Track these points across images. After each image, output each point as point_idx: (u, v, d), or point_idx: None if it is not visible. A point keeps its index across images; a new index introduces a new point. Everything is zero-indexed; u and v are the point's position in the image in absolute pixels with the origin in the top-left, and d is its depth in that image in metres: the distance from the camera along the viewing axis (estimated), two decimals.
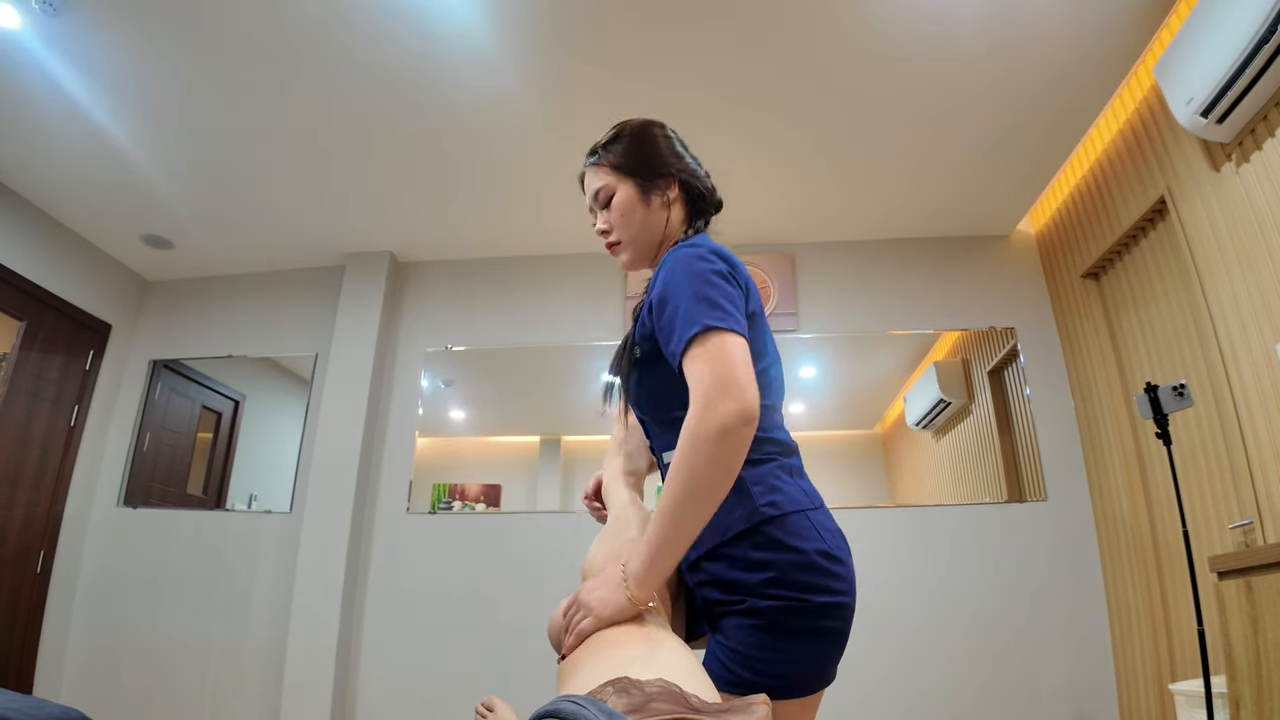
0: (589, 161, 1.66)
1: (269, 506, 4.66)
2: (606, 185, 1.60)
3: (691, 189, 1.62)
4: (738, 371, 1.21)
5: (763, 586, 1.28)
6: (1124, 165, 3.70)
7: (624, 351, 1.54)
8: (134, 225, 4.63)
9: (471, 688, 3.96)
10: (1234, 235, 2.97)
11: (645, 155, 1.61)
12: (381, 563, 4.42)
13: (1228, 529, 3.11)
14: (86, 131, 3.74)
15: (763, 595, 1.28)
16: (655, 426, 1.55)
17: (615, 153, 1.62)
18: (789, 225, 4.73)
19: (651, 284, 1.49)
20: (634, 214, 1.58)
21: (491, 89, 3.53)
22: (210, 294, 5.21)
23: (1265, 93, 2.66)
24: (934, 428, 4.60)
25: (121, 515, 4.72)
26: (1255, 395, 2.88)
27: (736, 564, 1.32)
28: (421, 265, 5.08)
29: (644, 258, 1.63)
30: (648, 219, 1.59)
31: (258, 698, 4.21)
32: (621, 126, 1.66)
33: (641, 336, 1.48)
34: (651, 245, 1.61)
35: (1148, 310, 3.70)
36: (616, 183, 1.60)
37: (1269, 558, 2.14)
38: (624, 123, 1.66)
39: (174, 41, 3.24)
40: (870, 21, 3.17)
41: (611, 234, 1.61)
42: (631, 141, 1.63)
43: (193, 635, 4.39)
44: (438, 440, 4.74)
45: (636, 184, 1.59)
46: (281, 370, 5.04)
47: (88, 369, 4.76)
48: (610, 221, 1.60)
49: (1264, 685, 2.09)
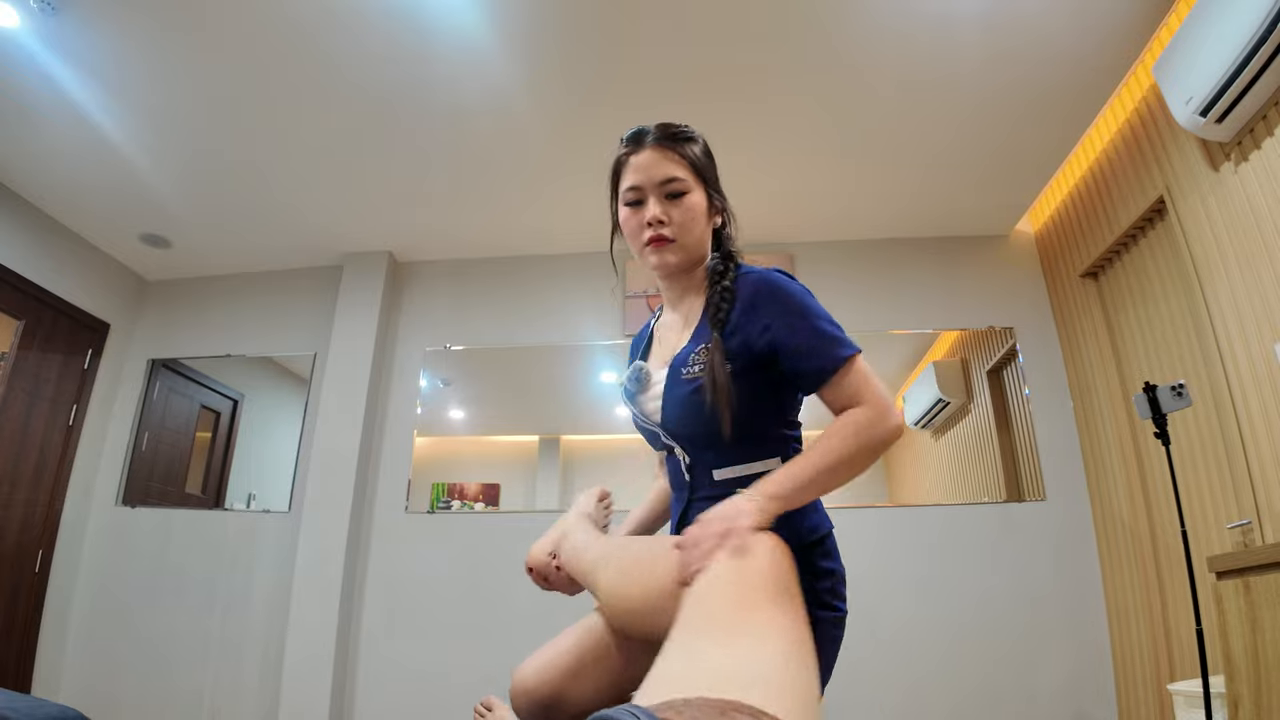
0: (656, 141, 1.56)
1: (267, 506, 4.66)
2: (682, 180, 1.54)
3: (725, 221, 1.64)
4: (889, 397, 1.39)
5: (822, 595, 1.40)
6: (1123, 165, 3.70)
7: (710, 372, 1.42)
8: (133, 224, 4.62)
9: (470, 688, 3.96)
10: (1233, 235, 2.97)
11: (714, 171, 1.63)
12: (380, 562, 4.41)
13: (1226, 529, 3.11)
14: (86, 131, 3.74)
15: (820, 604, 1.38)
16: (715, 446, 1.47)
17: (693, 154, 1.58)
18: (789, 224, 4.72)
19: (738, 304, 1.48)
20: (700, 221, 1.56)
21: (491, 89, 3.52)
22: (209, 293, 5.21)
23: (1264, 92, 2.66)
24: (933, 427, 4.61)
25: (120, 515, 4.72)
26: (1254, 395, 2.88)
27: (806, 570, 1.37)
28: (420, 265, 5.08)
29: (686, 266, 1.58)
30: (705, 233, 1.58)
31: (255, 698, 4.21)
32: (690, 129, 1.60)
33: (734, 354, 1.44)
34: (696, 259, 1.59)
35: (1147, 310, 3.70)
36: (693, 184, 1.55)
37: (1267, 558, 2.14)
38: (688, 126, 1.61)
39: (172, 41, 3.23)
40: (872, 22, 3.17)
41: (670, 229, 1.52)
42: (705, 151, 1.62)
43: (191, 634, 4.39)
44: (436, 440, 4.74)
45: (707, 194, 1.59)
46: (280, 370, 5.04)
47: (86, 368, 4.76)
48: (675, 218, 1.53)
49: (1262, 685, 2.08)
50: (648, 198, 1.53)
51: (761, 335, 1.43)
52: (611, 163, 1.62)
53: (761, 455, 1.47)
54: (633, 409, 1.60)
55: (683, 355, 1.50)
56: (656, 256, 1.55)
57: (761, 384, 1.45)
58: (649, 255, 1.55)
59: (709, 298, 1.53)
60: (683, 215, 1.53)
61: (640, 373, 1.58)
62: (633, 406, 1.60)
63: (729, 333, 1.45)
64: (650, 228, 1.52)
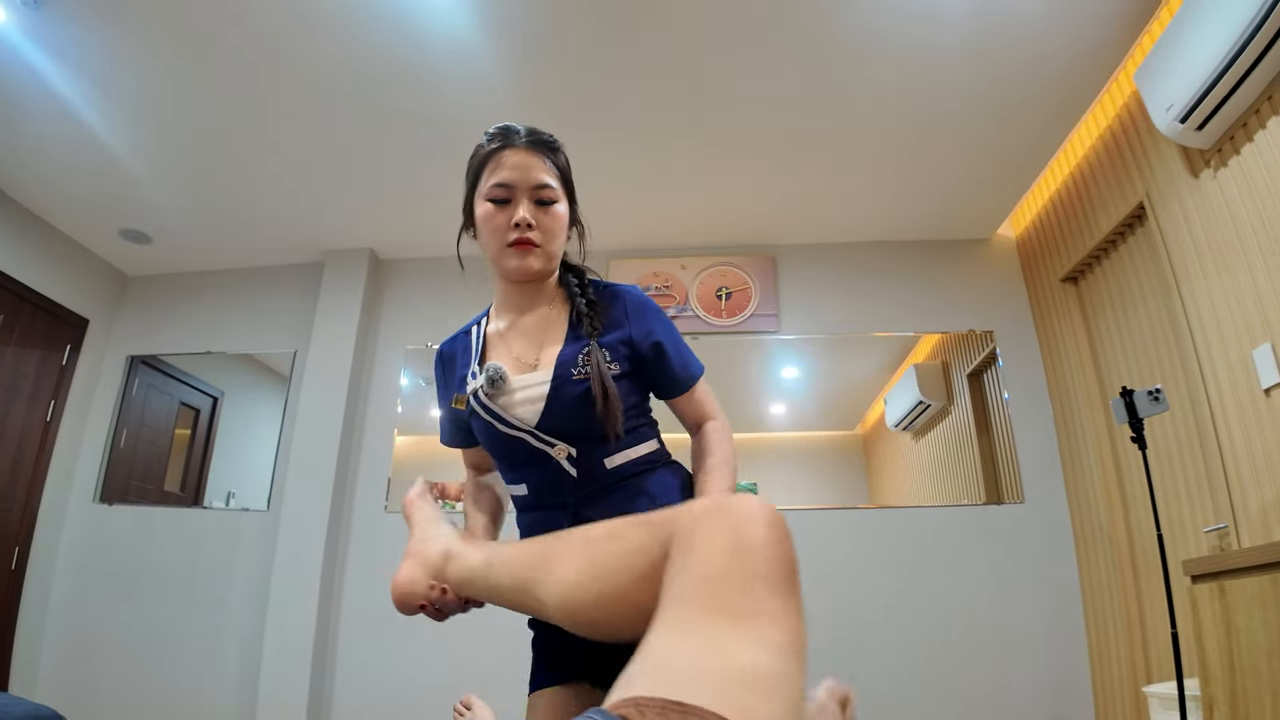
0: (529, 144, 1.55)
1: (246, 504, 4.63)
2: (554, 189, 1.55)
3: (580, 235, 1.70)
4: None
5: None
6: (1104, 171, 3.73)
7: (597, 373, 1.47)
8: (113, 220, 4.59)
9: (448, 688, 3.94)
10: (1211, 241, 2.99)
11: (574, 190, 1.66)
12: (359, 561, 4.39)
13: (1202, 533, 3.14)
14: (67, 126, 3.71)
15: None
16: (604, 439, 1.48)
17: (563, 166, 1.61)
18: (771, 227, 4.73)
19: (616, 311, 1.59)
20: (564, 232, 1.60)
21: (475, 88, 3.52)
22: (189, 290, 5.17)
23: (1244, 100, 2.68)
24: (913, 429, 4.63)
25: (98, 512, 4.68)
26: (1231, 400, 2.91)
27: None
28: (402, 263, 5.06)
29: (544, 275, 1.60)
30: (562, 245, 1.62)
31: (234, 696, 4.19)
32: (557, 140, 1.62)
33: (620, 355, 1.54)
34: (553, 268, 1.63)
35: (1126, 315, 3.73)
36: (561, 194, 1.57)
37: (1243, 562, 2.16)
38: (555, 137, 1.62)
39: (155, 36, 3.21)
40: (855, 26, 3.18)
41: (537, 234, 1.52)
42: (568, 164, 1.64)
43: (169, 633, 4.36)
44: (418, 439, 4.73)
45: (571, 210, 1.63)
46: (260, 367, 5.02)
47: (65, 364, 4.71)
48: (544, 225, 1.54)
49: (1237, 689, 2.10)
50: (518, 199, 1.52)
51: (646, 339, 1.56)
52: (474, 154, 1.63)
53: (643, 439, 1.56)
54: (489, 413, 1.51)
55: (567, 358, 1.50)
56: (518, 260, 1.53)
57: (639, 379, 1.58)
58: (509, 257, 1.54)
59: (576, 306, 1.59)
60: (551, 223, 1.55)
61: (500, 373, 1.51)
62: (491, 409, 1.51)
63: (609, 336, 1.54)
64: (517, 229, 1.51)
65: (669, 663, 0.73)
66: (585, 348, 1.50)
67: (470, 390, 1.55)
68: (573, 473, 1.49)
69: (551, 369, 1.50)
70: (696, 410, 1.63)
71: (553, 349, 1.54)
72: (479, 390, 1.53)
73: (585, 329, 1.53)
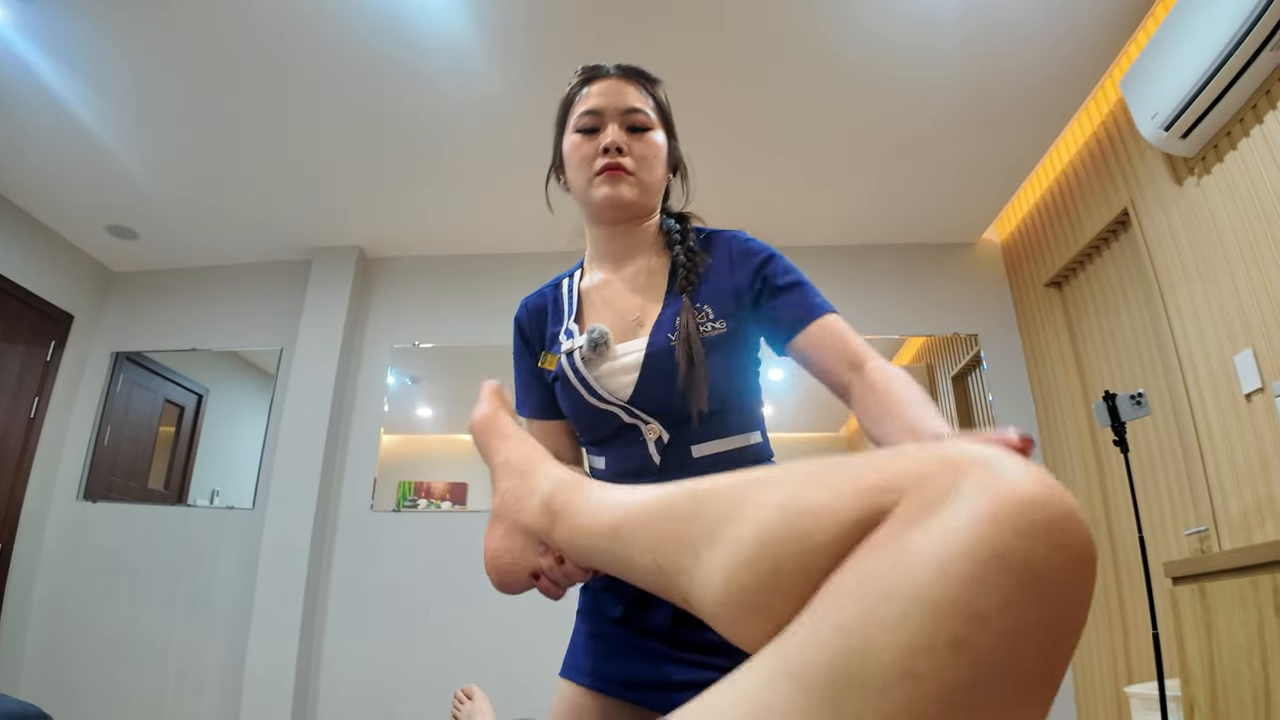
0: (621, 72, 1.41)
1: (231, 502, 4.62)
2: (647, 115, 1.38)
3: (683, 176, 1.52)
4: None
5: None
6: (1089, 177, 3.76)
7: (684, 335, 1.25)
8: (99, 215, 4.56)
9: (434, 688, 3.95)
10: (1195, 248, 3.03)
11: (674, 127, 1.49)
12: (344, 561, 4.39)
13: (1183, 535, 3.17)
14: (55, 120, 3.69)
15: None
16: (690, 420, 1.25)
17: (659, 97, 1.44)
18: (758, 229, 4.66)
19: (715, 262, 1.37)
20: (662, 162, 1.40)
21: (466, 86, 3.52)
22: (175, 286, 5.15)
23: (1229, 109, 2.72)
24: None
25: (81, 509, 4.66)
26: (1213, 405, 2.94)
27: None
28: (390, 261, 5.05)
29: (638, 211, 1.39)
30: (663, 179, 1.43)
31: (218, 696, 4.17)
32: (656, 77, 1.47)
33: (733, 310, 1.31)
34: (650, 206, 1.42)
35: (1109, 320, 3.76)
36: (657, 122, 1.40)
37: (1223, 564, 2.18)
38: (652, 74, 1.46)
39: (145, 32, 3.20)
40: (844, 31, 3.20)
41: (629, 162, 1.33)
42: (668, 103, 1.48)
43: (153, 632, 4.34)
44: (404, 438, 4.72)
45: (669, 142, 1.45)
46: (246, 364, 5.00)
47: (49, 360, 4.68)
48: (637, 151, 1.35)
49: (1218, 689, 2.13)
50: (606, 125, 1.35)
51: (756, 277, 1.33)
52: (561, 100, 1.47)
53: (743, 429, 1.30)
54: (584, 382, 1.30)
55: (665, 321, 1.29)
56: (610, 187, 1.32)
57: (748, 349, 1.33)
58: (600, 185, 1.33)
59: (676, 258, 1.36)
60: (645, 149, 1.36)
61: (605, 337, 1.29)
62: (585, 378, 1.30)
63: (711, 290, 1.32)
64: (606, 155, 1.33)
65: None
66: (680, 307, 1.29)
67: (565, 350, 1.33)
68: (656, 459, 1.27)
69: (648, 334, 1.29)
70: (841, 348, 1.23)
71: (654, 309, 1.33)
72: (576, 352, 1.31)
73: (678, 284, 1.32)
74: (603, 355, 1.29)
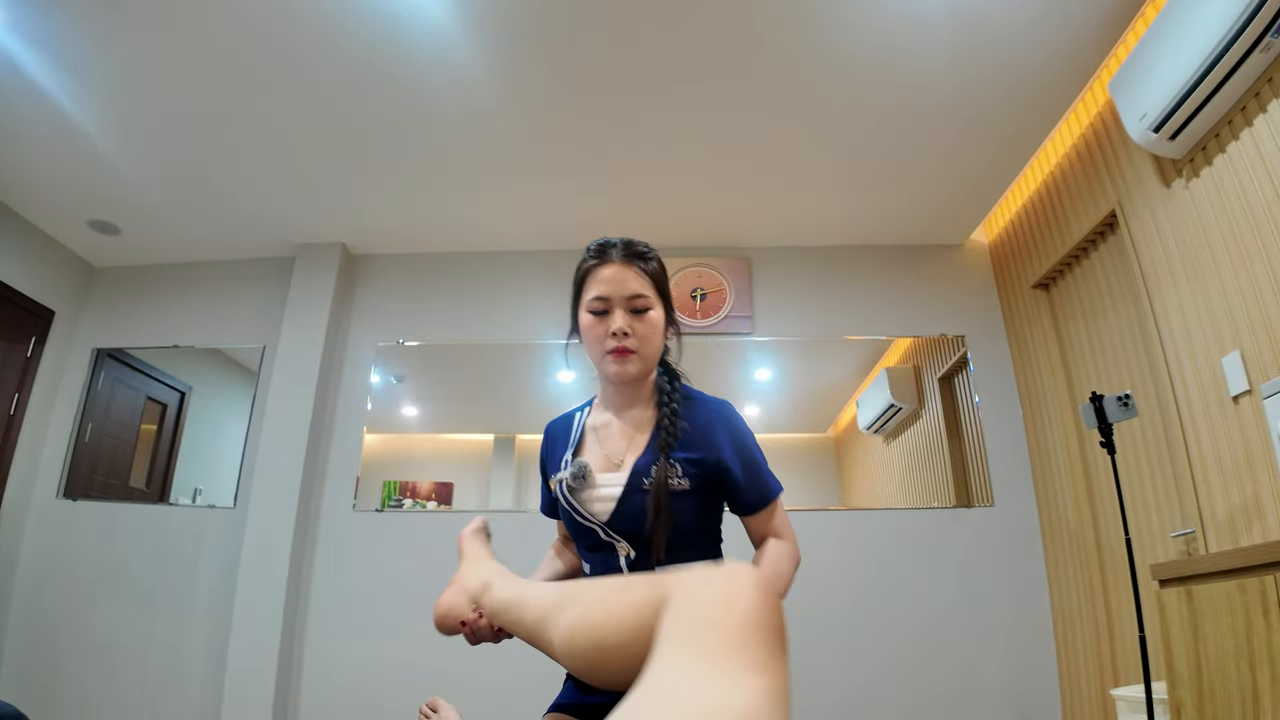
0: (623, 257, 1.68)
1: (213, 501, 4.58)
2: (647, 297, 1.67)
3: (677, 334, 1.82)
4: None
5: None
6: (1077, 178, 3.76)
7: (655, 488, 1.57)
8: (81, 210, 4.51)
9: (417, 690, 3.92)
10: (1182, 250, 3.02)
11: (669, 293, 1.78)
12: (327, 561, 4.35)
13: (1170, 538, 3.17)
14: (36, 113, 3.64)
15: None
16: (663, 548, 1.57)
17: (656, 273, 1.72)
18: (746, 230, 4.74)
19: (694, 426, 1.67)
20: (659, 338, 1.70)
21: (453, 83, 3.49)
22: (157, 282, 5.10)
23: (1217, 111, 2.71)
24: (885, 432, 4.65)
25: (61, 507, 4.61)
26: (1199, 407, 2.94)
27: None
28: (375, 258, 5.01)
29: (642, 377, 1.70)
30: (659, 348, 1.73)
31: (198, 696, 4.13)
32: (651, 249, 1.74)
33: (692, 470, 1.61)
34: (650, 370, 1.73)
35: (1096, 321, 3.76)
36: (655, 300, 1.69)
37: (1209, 567, 2.18)
38: (649, 246, 1.75)
39: (130, 25, 3.15)
40: (831, 31, 3.18)
41: (632, 341, 1.64)
42: (662, 268, 1.76)
43: (133, 631, 4.30)
44: (388, 437, 4.69)
45: (665, 313, 1.73)
46: (229, 362, 4.95)
47: (29, 356, 4.63)
48: (639, 331, 1.65)
49: (1204, 692, 2.12)
50: (614, 309, 1.65)
51: (717, 460, 1.63)
52: (577, 268, 1.74)
53: (704, 556, 1.64)
54: (570, 504, 1.65)
55: (642, 466, 1.61)
56: (618, 366, 1.65)
57: (711, 495, 1.66)
58: (610, 364, 1.66)
59: (660, 418, 1.67)
60: (646, 329, 1.66)
61: (584, 471, 1.64)
62: (571, 501, 1.65)
63: (681, 452, 1.62)
64: (615, 338, 1.64)
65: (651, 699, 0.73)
66: (658, 460, 1.60)
67: (558, 478, 1.70)
68: (625, 572, 1.60)
69: (628, 474, 1.61)
70: (763, 528, 1.69)
71: (635, 454, 1.65)
72: (564, 480, 1.67)
73: (659, 441, 1.62)
74: (582, 485, 1.64)
